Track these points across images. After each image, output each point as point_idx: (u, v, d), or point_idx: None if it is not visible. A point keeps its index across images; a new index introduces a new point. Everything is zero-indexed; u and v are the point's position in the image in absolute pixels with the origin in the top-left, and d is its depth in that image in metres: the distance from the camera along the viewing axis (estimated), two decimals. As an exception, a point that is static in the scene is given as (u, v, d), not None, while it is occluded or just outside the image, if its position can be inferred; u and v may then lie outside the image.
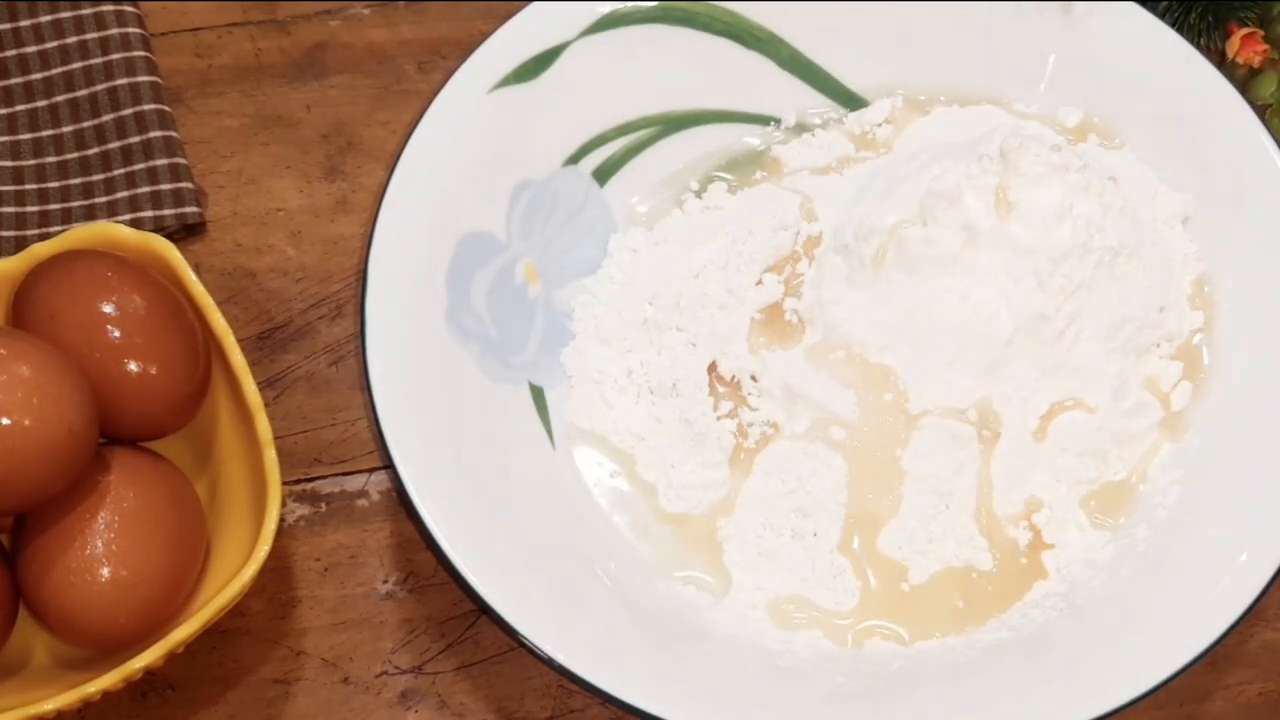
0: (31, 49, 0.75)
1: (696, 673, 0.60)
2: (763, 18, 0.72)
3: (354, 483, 0.67)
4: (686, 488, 0.66)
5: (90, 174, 0.72)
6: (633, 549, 0.65)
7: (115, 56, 0.74)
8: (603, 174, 0.71)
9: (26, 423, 0.56)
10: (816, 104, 0.73)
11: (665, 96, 0.72)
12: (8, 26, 0.75)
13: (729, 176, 0.72)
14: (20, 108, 0.74)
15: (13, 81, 0.74)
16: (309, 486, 0.67)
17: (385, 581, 0.66)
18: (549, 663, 0.58)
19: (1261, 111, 0.71)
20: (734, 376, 0.67)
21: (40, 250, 0.63)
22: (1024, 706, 0.59)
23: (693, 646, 0.62)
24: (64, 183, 0.72)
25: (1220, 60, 0.75)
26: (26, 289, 0.62)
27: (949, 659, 0.62)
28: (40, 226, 0.71)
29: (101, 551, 0.58)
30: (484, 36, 0.69)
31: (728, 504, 0.66)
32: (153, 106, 0.73)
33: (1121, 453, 0.66)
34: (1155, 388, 0.67)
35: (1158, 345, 0.67)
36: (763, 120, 0.73)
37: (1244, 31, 0.75)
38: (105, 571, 0.58)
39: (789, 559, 0.65)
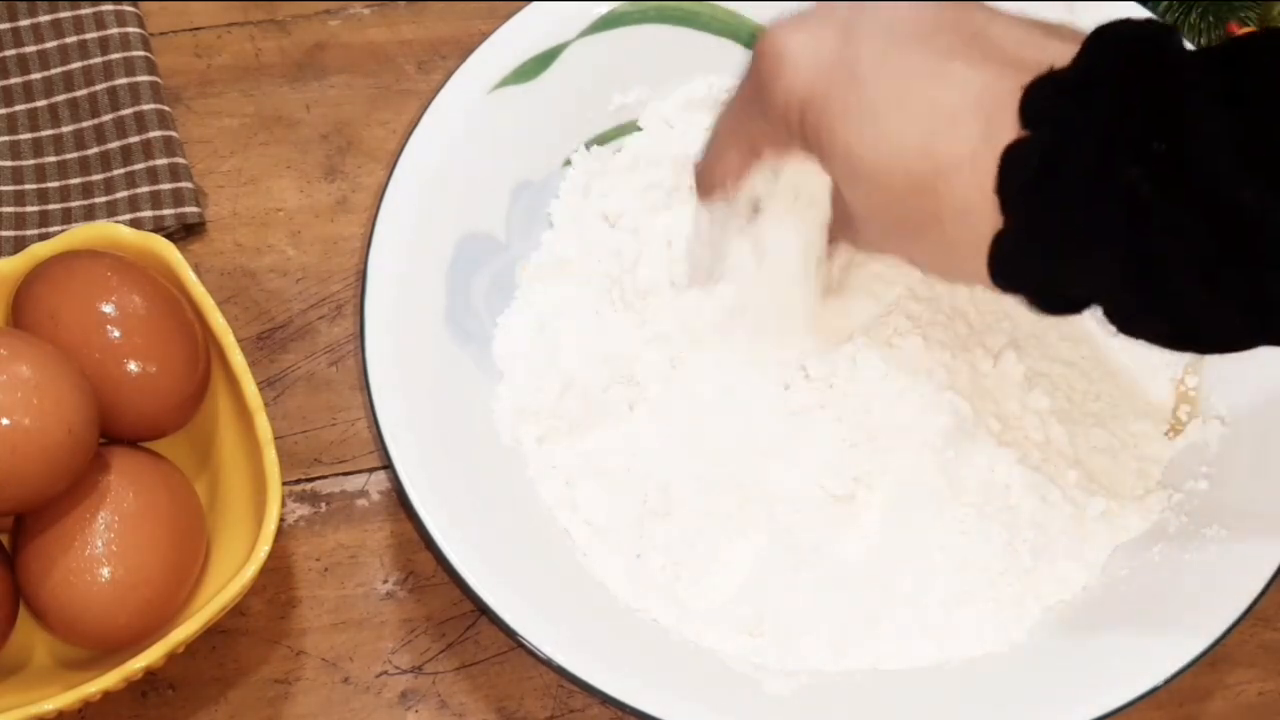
0: (31, 49, 0.75)
1: (696, 673, 0.60)
2: (763, 18, 0.72)
3: (354, 483, 0.67)
4: None
5: (90, 174, 0.72)
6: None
7: (115, 56, 0.74)
8: (602, 175, 0.71)
9: (26, 423, 0.56)
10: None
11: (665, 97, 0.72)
12: (7, 26, 0.75)
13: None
14: (20, 108, 0.74)
15: (12, 81, 0.74)
16: (309, 486, 0.67)
17: (385, 581, 0.65)
18: (548, 663, 0.58)
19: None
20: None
21: (40, 250, 0.63)
22: (1024, 707, 0.59)
23: (693, 647, 0.62)
24: (64, 183, 0.72)
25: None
26: (26, 289, 0.62)
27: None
28: (40, 226, 0.71)
29: (101, 551, 0.58)
30: (484, 36, 0.69)
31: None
32: (152, 106, 0.73)
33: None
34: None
35: None
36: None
37: (1244, 31, 0.75)
38: (105, 571, 0.58)
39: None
